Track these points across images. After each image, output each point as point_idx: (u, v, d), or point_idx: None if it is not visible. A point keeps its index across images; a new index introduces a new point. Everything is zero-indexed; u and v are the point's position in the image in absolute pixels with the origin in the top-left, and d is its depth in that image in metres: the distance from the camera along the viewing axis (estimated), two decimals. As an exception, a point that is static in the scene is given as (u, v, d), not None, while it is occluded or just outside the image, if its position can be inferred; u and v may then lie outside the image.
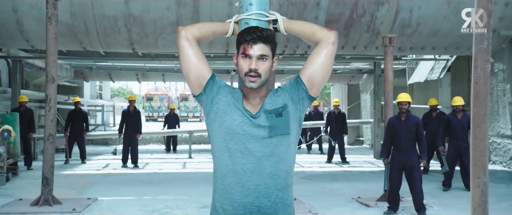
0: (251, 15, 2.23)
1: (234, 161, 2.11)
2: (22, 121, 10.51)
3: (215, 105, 2.19)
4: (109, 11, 8.50)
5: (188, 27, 2.21)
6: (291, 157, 2.18)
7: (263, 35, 2.09)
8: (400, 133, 6.71)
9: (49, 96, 7.00)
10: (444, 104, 12.83)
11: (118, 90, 58.28)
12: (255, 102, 2.19)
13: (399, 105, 6.76)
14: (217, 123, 2.17)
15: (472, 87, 4.51)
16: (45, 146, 7.02)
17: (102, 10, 8.49)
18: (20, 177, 9.90)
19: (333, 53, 2.20)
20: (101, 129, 20.96)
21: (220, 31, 2.29)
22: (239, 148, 2.11)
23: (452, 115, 8.77)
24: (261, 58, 2.10)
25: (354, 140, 19.45)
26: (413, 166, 6.67)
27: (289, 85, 2.24)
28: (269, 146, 2.11)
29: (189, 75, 2.21)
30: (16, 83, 12.10)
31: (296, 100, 2.20)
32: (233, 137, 2.12)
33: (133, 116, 11.74)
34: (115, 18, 8.58)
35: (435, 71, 13.25)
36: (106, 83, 27.70)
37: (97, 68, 16.77)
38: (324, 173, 10.93)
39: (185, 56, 2.19)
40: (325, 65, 2.19)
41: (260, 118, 2.13)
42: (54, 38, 6.90)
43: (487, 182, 4.19)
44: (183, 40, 2.18)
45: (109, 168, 11.59)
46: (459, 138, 8.56)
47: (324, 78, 2.21)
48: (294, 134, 2.19)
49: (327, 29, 2.21)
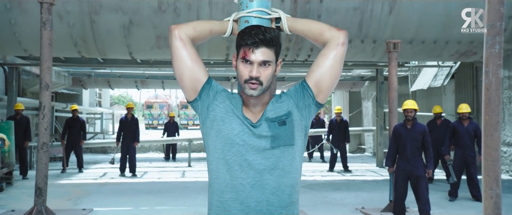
0: (251, 12, 2.01)
1: (232, 175, 1.88)
2: (18, 129, 10.30)
3: (211, 112, 1.97)
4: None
5: (181, 25, 1.99)
6: (296, 170, 1.95)
7: (266, 38, 1.85)
8: (406, 141, 6.50)
9: (43, 103, 6.77)
10: (448, 111, 12.61)
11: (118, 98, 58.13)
12: (256, 110, 1.96)
13: (405, 112, 6.55)
14: (213, 132, 1.95)
15: (483, 93, 4.30)
16: (38, 155, 6.78)
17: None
18: (15, 187, 9.66)
19: (343, 55, 1.98)
20: (100, 137, 20.75)
21: (218, 30, 2.07)
22: (238, 161, 1.88)
23: (458, 123, 8.54)
24: (263, 64, 1.88)
25: (356, 148, 19.21)
26: (419, 176, 6.45)
27: (294, 91, 2.02)
28: (271, 158, 1.88)
29: (182, 79, 1.99)
30: (12, 91, 11.91)
31: (301, 107, 1.98)
32: (231, 148, 1.90)
33: (131, 124, 11.54)
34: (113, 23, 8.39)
35: (439, 78, 13.05)
36: (105, 90, 27.55)
37: (96, 76, 16.59)
38: (326, 182, 10.69)
39: (179, 57, 1.97)
40: (333, 68, 1.97)
41: (261, 127, 1.90)
42: (48, 43, 6.68)
43: (500, 193, 3.97)
44: (176, 39, 1.96)
45: (107, 177, 11.35)
46: (465, 147, 8.33)
47: (332, 82, 1.99)
48: (299, 144, 1.97)
49: (336, 28, 1.99)
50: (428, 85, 13.30)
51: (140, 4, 8.11)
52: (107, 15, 8.19)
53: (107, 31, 8.46)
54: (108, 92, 29.60)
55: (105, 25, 8.33)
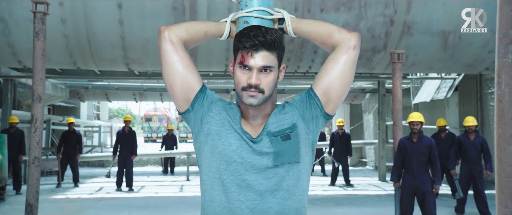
0: (251, 12, 1.77)
1: (229, 197, 1.63)
2: (12, 142, 10.04)
3: (205, 125, 1.72)
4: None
5: (172, 26, 1.75)
6: (303, 192, 1.71)
7: (266, 40, 1.61)
8: (412, 155, 6.26)
9: (36, 116, 6.49)
10: (452, 124, 12.36)
11: (117, 111, 57.80)
12: (256, 122, 1.72)
13: (411, 125, 6.31)
14: (208, 148, 1.70)
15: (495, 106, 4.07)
16: (30, 170, 6.50)
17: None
18: (7, 202, 9.38)
19: (355, 59, 1.73)
20: (98, 150, 20.46)
21: (213, 32, 1.82)
22: (235, 181, 1.64)
23: (464, 136, 8.29)
24: (264, 69, 1.63)
25: (357, 161, 18.92)
26: (426, 191, 6.21)
27: (300, 100, 1.77)
28: (274, 178, 1.64)
29: (173, 87, 1.75)
30: (7, 103, 11.66)
31: (308, 119, 1.73)
32: (228, 166, 1.65)
33: (128, 137, 11.28)
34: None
35: (442, 90, 12.80)
36: (103, 103, 27.33)
37: (93, 88, 16.35)
38: (328, 197, 10.41)
39: (168, 63, 1.73)
40: (344, 75, 1.72)
41: (262, 143, 1.66)
42: (41, 54, 6.44)
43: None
44: (166, 43, 1.72)
45: (103, 192, 11.06)
46: (471, 161, 8.07)
47: (343, 90, 1.74)
48: (306, 162, 1.72)
49: (347, 30, 1.74)
50: (431, 97, 13.05)
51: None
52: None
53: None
54: (106, 105, 29.38)
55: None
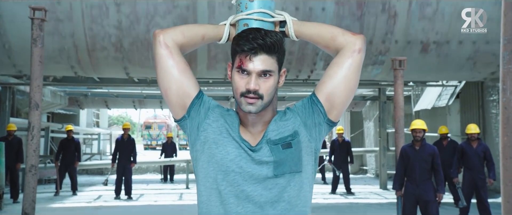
0: (251, 14, 1.68)
1: (227, 209, 1.54)
2: (10, 150, 9.96)
3: (202, 133, 1.64)
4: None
5: (168, 30, 1.66)
6: (305, 203, 1.61)
7: (266, 43, 1.52)
8: (414, 163, 6.16)
9: (33, 123, 6.43)
10: (453, 132, 12.26)
11: (117, 118, 57.67)
12: (255, 130, 1.63)
13: (413, 133, 6.22)
14: (204, 157, 1.61)
15: (501, 112, 4.02)
16: (26, 178, 6.45)
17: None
18: (4, 211, 9.27)
19: (360, 63, 1.64)
20: (97, 158, 20.36)
21: (211, 35, 1.73)
22: (234, 192, 1.55)
23: (466, 144, 8.19)
24: (263, 74, 1.54)
25: (358, 169, 18.80)
26: (428, 200, 6.11)
27: (301, 106, 1.68)
28: (274, 188, 1.55)
29: (168, 93, 1.66)
30: (5, 111, 11.58)
31: (310, 126, 1.64)
32: (226, 177, 1.56)
33: (127, 144, 11.18)
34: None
35: (443, 98, 12.72)
36: (103, 111, 27.23)
37: (93, 95, 16.27)
38: (328, 206, 10.29)
39: (163, 68, 1.64)
40: (349, 79, 1.63)
41: (262, 151, 1.57)
42: (39, 61, 6.38)
43: (522, 221, 3.67)
44: (161, 47, 1.64)
45: (101, 200, 10.95)
46: (474, 169, 7.96)
47: (348, 96, 1.65)
48: (309, 171, 1.63)
49: (351, 32, 1.65)
50: (432, 104, 12.97)
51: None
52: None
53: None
54: (106, 112, 29.27)
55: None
